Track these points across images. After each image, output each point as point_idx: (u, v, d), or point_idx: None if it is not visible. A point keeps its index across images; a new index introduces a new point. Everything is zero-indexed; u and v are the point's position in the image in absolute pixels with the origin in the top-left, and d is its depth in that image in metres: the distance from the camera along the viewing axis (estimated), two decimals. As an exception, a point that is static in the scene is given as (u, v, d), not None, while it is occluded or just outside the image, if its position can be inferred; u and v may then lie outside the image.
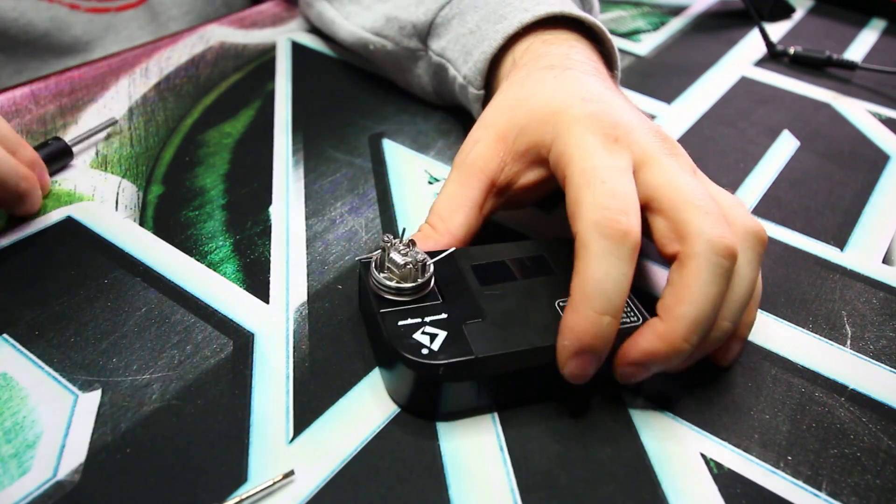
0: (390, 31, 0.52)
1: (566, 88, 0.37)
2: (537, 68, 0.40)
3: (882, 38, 0.76)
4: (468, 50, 0.47)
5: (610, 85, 0.40)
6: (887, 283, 0.43)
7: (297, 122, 0.52)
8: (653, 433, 0.33)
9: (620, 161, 0.33)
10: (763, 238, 0.33)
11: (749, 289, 0.32)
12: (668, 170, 0.33)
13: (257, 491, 0.28)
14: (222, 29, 0.62)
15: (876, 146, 0.57)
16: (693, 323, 0.30)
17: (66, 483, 0.29)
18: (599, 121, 0.34)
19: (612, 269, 0.30)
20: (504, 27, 0.45)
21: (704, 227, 0.31)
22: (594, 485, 0.30)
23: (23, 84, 0.52)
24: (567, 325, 0.30)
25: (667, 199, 0.32)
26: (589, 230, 0.30)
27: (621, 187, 0.31)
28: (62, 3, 0.59)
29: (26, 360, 0.33)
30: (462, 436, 0.32)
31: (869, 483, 0.32)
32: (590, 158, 0.33)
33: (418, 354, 0.31)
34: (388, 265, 0.33)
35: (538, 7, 0.45)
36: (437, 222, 0.37)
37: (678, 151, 0.35)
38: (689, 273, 0.30)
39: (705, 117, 0.59)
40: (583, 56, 0.42)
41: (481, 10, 0.48)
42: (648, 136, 0.34)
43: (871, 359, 0.38)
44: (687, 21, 0.76)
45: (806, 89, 0.65)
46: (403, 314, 0.32)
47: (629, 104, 0.38)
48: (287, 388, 0.33)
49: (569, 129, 0.35)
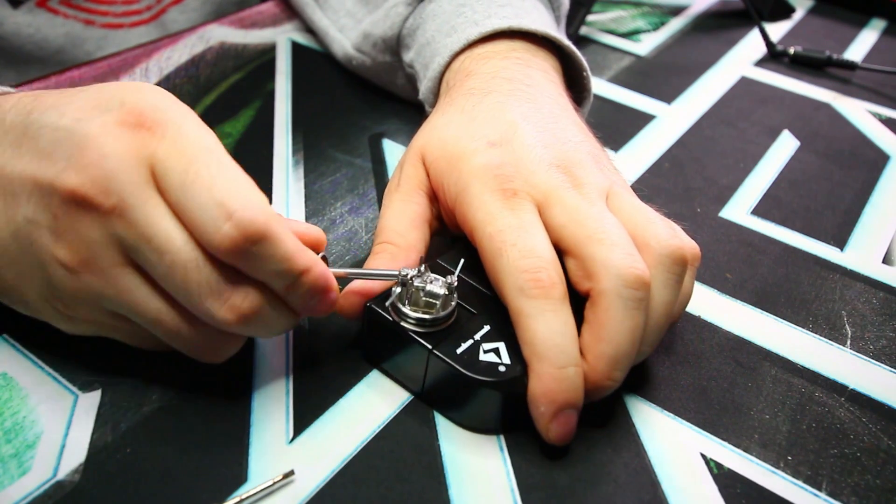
0: (366, 47, 0.52)
1: (477, 125, 0.37)
2: (461, 93, 0.40)
3: (882, 38, 0.76)
4: (426, 64, 0.46)
5: (542, 101, 0.39)
6: (887, 283, 0.43)
7: (297, 122, 0.52)
8: (653, 433, 0.33)
9: (523, 216, 0.32)
10: (679, 256, 0.32)
11: (666, 312, 0.32)
12: (569, 205, 0.32)
13: (257, 491, 0.28)
14: (222, 29, 0.62)
15: (876, 146, 0.57)
16: (613, 360, 0.30)
17: (66, 483, 0.29)
18: (497, 177, 0.34)
19: (552, 323, 0.30)
20: (452, 42, 0.44)
21: (610, 261, 0.30)
22: (594, 485, 0.30)
23: (22, 84, 0.52)
24: (536, 392, 0.30)
25: (570, 237, 0.32)
26: (516, 297, 0.30)
27: (531, 244, 0.31)
28: (77, 19, 0.59)
29: (26, 360, 0.33)
30: (462, 436, 0.32)
31: (869, 483, 0.32)
32: (493, 222, 0.32)
33: (497, 374, 0.30)
34: (426, 299, 0.32)
35: (488, 20, 0.44)
36: (397, 238, 0.35)
37: (585, 180, 0.34)
38: (602, 310, 0.30)
39: (705, 117, 0.59)
40: (515, 71, 0.41)
41: (438, 18, 0.47)
42: (549, 174, 0.34)
43: (871, 359, 0.38)
44: (687, 21, 0.76)
45: (806, 89, 0.65)
46: (454, 342, 0.32)
47: (547, 127, 0.37)
48: (287, 388, 0.33)
49: (468, 187, 0.34)
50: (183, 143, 0.28)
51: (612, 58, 0.66)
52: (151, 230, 0.27)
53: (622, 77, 0.63)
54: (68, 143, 0.27)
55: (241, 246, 0.27)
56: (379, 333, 0.33)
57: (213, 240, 0.27)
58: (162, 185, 0.27)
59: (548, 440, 0.30)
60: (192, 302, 0.28)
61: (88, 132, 0.27)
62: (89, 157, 0.27)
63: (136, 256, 0.28)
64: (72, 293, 0.28)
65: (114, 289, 0.28)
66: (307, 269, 0.28)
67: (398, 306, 0.32)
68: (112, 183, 0.27)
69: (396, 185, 0.38)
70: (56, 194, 0.27)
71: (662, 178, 0.50)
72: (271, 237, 0.27)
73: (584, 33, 0.70)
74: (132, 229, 0.27)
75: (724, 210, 0.48)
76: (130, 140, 0.27)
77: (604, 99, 0.60)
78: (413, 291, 0.32)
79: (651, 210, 0.34)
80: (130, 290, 0.28)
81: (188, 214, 0.27)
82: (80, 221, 0.27)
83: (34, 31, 0.57)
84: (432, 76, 0.45)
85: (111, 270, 0.28)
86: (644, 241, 0.32)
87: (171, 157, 0.27)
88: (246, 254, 0.27)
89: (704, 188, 0.50)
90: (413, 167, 0.38)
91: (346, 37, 0.55)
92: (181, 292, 0.28)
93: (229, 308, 0.28)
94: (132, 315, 0.29)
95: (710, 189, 0.50)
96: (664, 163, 0.52)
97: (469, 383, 0.30)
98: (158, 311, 0.29)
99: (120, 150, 0.27)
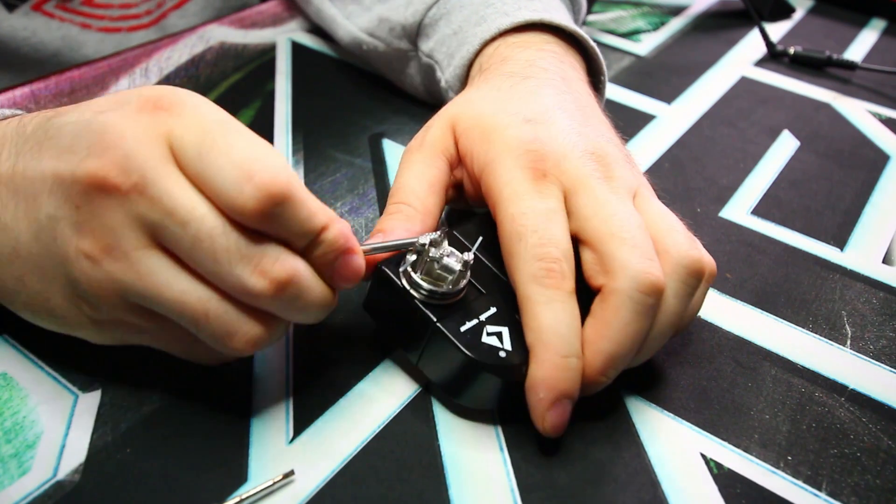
0: (381, 32, 0.52)
1: (515, 103, 0.37)
2: (498, 74, 0.40)
3: (882, 38, 0.76)
4: (451, 52, 0.47)
5: (576, 94, 0.39)
6: (887, 283, 0.43)
7: (297, 122, 0.52)
8: (653, 433, 0.33)
9: (549, 201, 0.32)
10: (697, 269, 0.32)
11: (673, 322, 0.32)
12: (599, 197, 0.32)
13: (257, 491, 0.28)
14: (222, 29, 0.62)
15: (876, 146, 0.57)
16: (611, 359, 0.30)
17: (66, 483, 0.29)
18: (529, 152, 0.34)
19: (559, 313, 0.30)
20: (482, 31, 0.44)
21: (629, 262, 0.30)
22: (594, 485, 0.30)
23: (23, 84, 0.52)
24: (536, 378, 0.30)
25: (593, 231, 0.32)
26: (527, 283, 0.31)
27: (551, 233, 0.31)
28: (73, 23, 0.59)
29: (26, 360, 0.33)
30: (462, 436, 0.32)
31: (869, 483, 0.32)
32: (517, 202, 0.32)
33: (497, 359, 0.31)
34: (439, 271, 0.31)
35: (519, 12, 0.44)
36: (414, 200, 0.35)
37: (616, 174, 0.34)
38: (611, 309, 0.30)
39: (705, 117, 0.59)
40: (551, 62, 0.41)
41: (466, 9, 0.47)
42: (581, 160, 0.34)
43: (871, 359, 0.38)
44: (687, 21, 0.76)
45: (806, 89, 0.65)
46: (460, 319, 0.31)
47: (581, 118, 0.37)
48: (287, 388, 0.33)
49: (499, 159, 0.34)
50: (198, 118, 0.28)
51: (612, 58, 0.66)
52: (173, 203, 0.27)
53: (622, 77, 0.63)
54: (88, 134, 0.27)
55: (264, 207, 0.26)
56: (386, 296, 0.33)
57: (236, 203, 0.26)
58: (180, 159, 0.27)
59: (542, 430, 0.30)
60: (222, 271, 0.27)
61: (107, 121, 0.28)
62: (108, 141, 0.27)
63: (161, 234, 0.27)
64: (96, 288, 0.28)
65: (136, 274, 0.27)
66: (326, 225, 0.28)
67: (410, 274, 0.32)
68: (131, 161, 0.27)
69: (419, 145, 0.37)
70: (77, 183, 0.27)
71: (662, 178, 0.50)
72: (293, 197, 0.27)
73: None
74: (154, 205, 0.27)
75: (724, 210, 0.48)
76: (148, 121, 0.28)
77: (604, 99, 0.60)
78: (427, 261, 0.31)
79: (675, 218, 0.34)
80: (153, 273, 0.27)
81: (209, 183, 0.27)
82: (101, 207, 0.27)
83: (30, 35, 0.57)
84: (460, 63, 0.45)
85: (134, 254, 0.27)
86: (664, 247, 0.32)
87: (188, 130, 0.28)
88: (270, 215, 0.27)
89: (704, 188, 0.50)
90: (441, 131, 0.37)
91: (353, 22, 0.55)
92: (209, 262, 0.27)
93: (261, 273, 0.27)
94: (156, 304, 0.28)
95: (710, 189, 0.50)
96: (664, 163, 0.52)
97: (468, 363, 0.30)
98: (182, 293, 0.27)
99: (138, 131, 0.27)
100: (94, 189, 0.27)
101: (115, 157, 0.27)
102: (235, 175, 0.26)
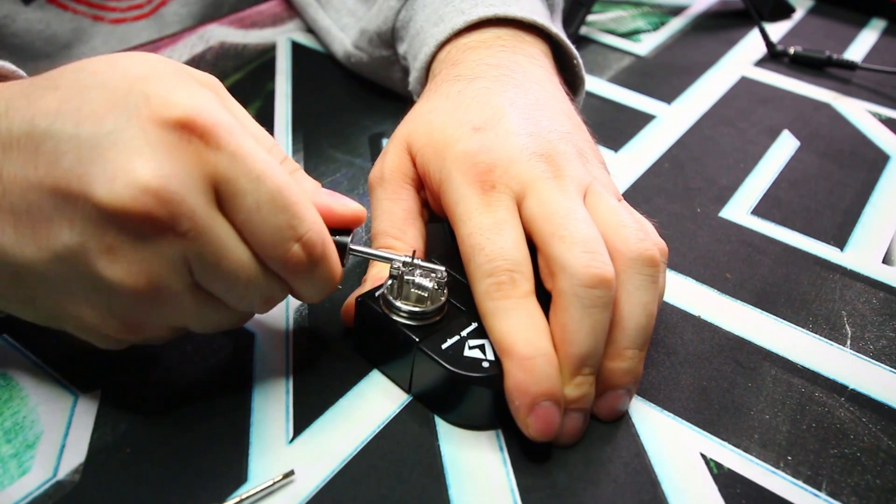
0: (363, 43, 0.53)
1: (463, 111, 0.36)
2: (446, 79, 0.40)
3: (882, 38, 0.76)
4: (415, 54, 0.46)
5: (529, 87, 0.38)
6: (887, 283, 0.43)
7: (297, 122, 0.52)
8: (653, 433, 0.33)
9: (497, 213, 0.32)
10: (649, 258, 0.32)
11: (648, 312, 0.32)
12: (544, 198, 0.32)
13: (257, 491, 0.28)
14: (222, 29, 0.62)
15: (876, 146, 0.57)
16: (579, 359, 0.30)
17: (66, 483, 0.29)
18: (477, 165, 0.33)
19: (514, 319, 0.30)
20: (439, 31, 0.44)
21: (568, 261, 0.30)
22: (594, 484, 0.30)
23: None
24: (509, 387, 0.30)
25: (539, 232, 0.32)
26: (482, 301, 0.31)
27: (499, 245, 0.31)
28: (87, 15, 0.59)
29: (26, 361, 0.33)
30: (462, 436, 0.32)
31: (869, 483, 0.32)
32: (467, 220, 0.32)
33: (480, 370, 0.31)
34: (415, 291, 0.32)
35: (475, 9, 0.43)
36: (394, 242, 0.36)
37: (566, 172, 0.34)
38: (561, 311, 0.30)
39: (705, 117, 0.59)
40: (501, 57, 0.40)
41: (428, 8, 0.47)
42: (530, 163, 0.34)
43: (871, 359, 0.38)
44: (687, 21, 0.76)
45: (806, 89, 0.65)
46: (440, 337, 0.32)
47: (533, 115, 0.36)
48: (287, 388, 0.33)
49: (450, 177, 0.34)
50: (244, 158, 0.27)
51: (612, 58, 0.66)
52: (223, 253, 0.27)
53: (622, 77, 0.63)
54: (102, 160, 0.25)
55: (304, 265, 0.29)
56: (370, 327, 0.34)
57: (280, 258, 0.28)
58: (229, 204, 0.27)
59: (529, 436, 0.30)
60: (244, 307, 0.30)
61: (128, 144, 0.25)
62: (144, 176, 0.25)
63: (200, 275, 0.28)
64: (135, 313, 0.28)
65: (179, 308, 0.28)
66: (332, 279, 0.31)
67: (389, 299, 0.32)
68: (182, 207, 0.25)
69: (380, 179, 0.38)
70: (113, 220, 0.25)
71: (662, 178, 0.50)
72: (327, 256, 0.30)
73: (584, 33, 0.70)
74: (204, 251, 0.27)
75: (724, 210, 0.48)
76: (186, 154, 0.26)
77: (604, 99, 0.60)
78: (403, 284, 0.32)
79: (625, 211, 0.34)
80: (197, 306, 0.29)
81: (257, 234, 0.28)
82: (146, 246, 0.26)
83: (44, 27, 0.57)
84: (419, 66, 0.45)
85: (180, 292, 0.27)
86: (614, 245, 0.32)
87: (238, 176, 0.27)
88: (304, 272, 0.29)
89: (704, 188, 0.50)
90: (398, 157, 0.38)
91: (347, 35, 0.55)
92: (235, 301, 0.29)
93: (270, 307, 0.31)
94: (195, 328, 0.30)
95: (710, 189, 0.50)
96: (664, 163, 0.52)
97: (453, 379, 0.31)
98: (220, 322, 0.30)
99: (180, 170, 0.25)
100: (139, 228, 0.25)
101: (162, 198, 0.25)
102: (286, 234, 0.28)
